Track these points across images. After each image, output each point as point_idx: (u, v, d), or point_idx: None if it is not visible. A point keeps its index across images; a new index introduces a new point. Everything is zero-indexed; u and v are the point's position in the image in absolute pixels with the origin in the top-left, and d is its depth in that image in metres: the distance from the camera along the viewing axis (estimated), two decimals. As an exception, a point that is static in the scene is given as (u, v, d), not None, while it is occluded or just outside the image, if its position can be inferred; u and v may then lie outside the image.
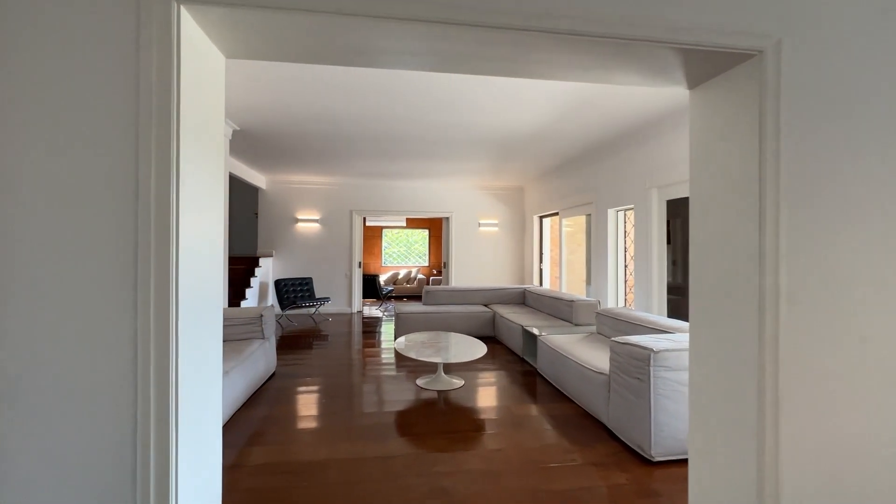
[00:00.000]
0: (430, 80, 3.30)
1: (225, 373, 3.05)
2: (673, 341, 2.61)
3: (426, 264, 12.16)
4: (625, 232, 5.47)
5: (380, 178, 7.84)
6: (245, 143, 5.18)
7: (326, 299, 7.39)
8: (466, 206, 8.50)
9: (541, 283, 8.12)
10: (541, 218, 8.15)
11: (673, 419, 2.46)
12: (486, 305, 6.40)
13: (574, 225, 8.01)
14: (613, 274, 5.46)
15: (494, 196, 8.58)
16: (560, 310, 5.21)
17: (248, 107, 4.10)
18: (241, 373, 3.34)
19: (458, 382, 3.84)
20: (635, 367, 2.57)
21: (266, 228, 7.98)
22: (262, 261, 7.33)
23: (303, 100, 3.84)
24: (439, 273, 11.72)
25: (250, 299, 6.66)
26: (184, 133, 1.15)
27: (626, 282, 5.43)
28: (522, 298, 6.51)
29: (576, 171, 6.37)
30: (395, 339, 5.75)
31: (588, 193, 5.97)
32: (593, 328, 4.69)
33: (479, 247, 8.53)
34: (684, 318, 4.06)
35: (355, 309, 8.24)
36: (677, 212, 4.39)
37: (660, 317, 3.63)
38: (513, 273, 8.61)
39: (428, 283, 11.33)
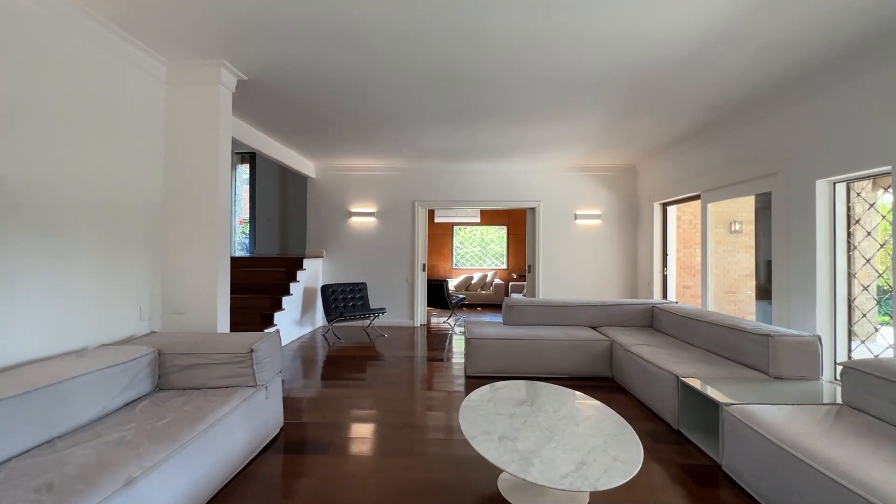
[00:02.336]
0: None
1: (144, 471, 1.58)
2: None
3: (504, 267, 10.37)
4: (849, 216, 3.24)
5: (448, 161, 6.23)
6: (269, 106, 3.85)
7: (381, 311, 5.94)
8: (559, 193, 6.57)
9: (665, 295, 5.93)
10: (664, 206, 5.97)
11: None
12: (594, 328, 4.48)
13: (722, 213, 5.75)
14: (828, 286, 3.26)
15: (596, 179, 6.55)
16: (734, 345, 3.15)
17: (278, 55, 2.70)
18: (190, 463, 1.86)
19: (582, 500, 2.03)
20: None
21: (316, 224, 6.77)
22: (307, 262, 6.08)
23: (345, 53, 2.32)
24: (520, 278, 9.86)
25: (288, 310, 5.41)
26: None
27: (848, 300, 3.20)
28: (650, 319, 4.47)
29: (747, 125, 4.20)
30: (466, 372, 4.07)
31: (768, 159, 3.79)
32: (828, 389, 2.60)
33: (576, 245, 6.55)
34: None
35: (418, 321, 6.71)
36: None
37: None
38: (621, 280, 6.51)
39: (507, 291, 9.53)
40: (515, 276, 10.02)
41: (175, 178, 3.13)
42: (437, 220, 10.15)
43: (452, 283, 9.53)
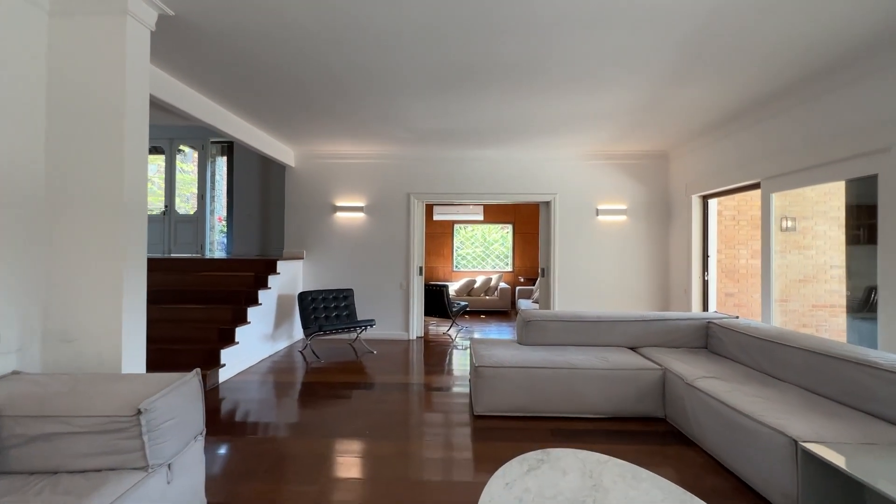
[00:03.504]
0: None
1: None
2: None
3: (509, 269, 9.45)
4: None
5: (448, 147, 5.30)
6: (220, 63, 2.91)
7: (370, 323, 5.00)
8: (578, 185, 5.65)
9: (705, 306, 5.00)
10: (704, 199, 5.04)
11: None
12: (634, 350, 3.56)
13: (785, 206, 4.86)
14: (982, 305, 2.33)
15: (621, 169, 5.62)
16: (855, 386, 2.23)
17: None
18: None
19: None
20: None
21: (295, 221, 5.83)
22: (283, 265, 5.14)
23: None
24: (528, 281, 8.94)
25: (256, 323, 4.47)
26: None
27: None
28: (703, 339, 3.55)
29: (838, 90, 3.28)
30: (472, 409, 3.14)
31: (872, 132, 2.87)
32: None
33: (597, 245, 5.63)
34: None
35: (414, 333, 5.77)
36: None
37: None
38: (651, 287, 5.59)
39: (514, 296, 8.59)
40: (523, 280, 9.09)
41: (62, 152, 2.20)
42: (435, 217, 9.22)
43: (453, 288, 8.60)
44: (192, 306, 4.27)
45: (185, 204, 7.38)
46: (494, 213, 9.39)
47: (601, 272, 5.61)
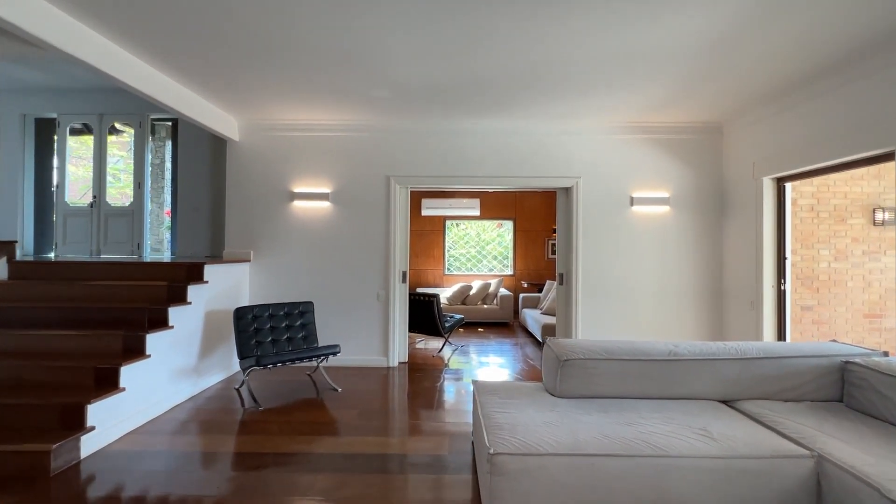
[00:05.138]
0: None
1: None
2: None
3: (510, 272, 8.16)
4: None
5: (440, 113, 4.00)
6: None
7: (332, 350, 3.66)
8: (607, 166, 4.38)
9: (782, 326, 3.75)
10: (779, 182, 3.80)
11: None
12: (730, 405, 2.29)
13: (858, 196, 3.64)
14: None
15: (662, 146, 4.37)
16: None
17: None
18: None
19: None
20: None
21: (239, 211, 4.47)
22: (214, 271, 3.78)
23: None
24: (533, 287, 7.65)
25: (162, 355, 3.09)
26: None
27: None
28: (837, 387, 2.28)
29: None
30: (485, 528, 1.82)
31: None
32: None
33: (633, 244, 4.37)
34: None
35: (395, 358, 4.45)
36: None
37: None
38: (704, 298, 4.33)
39: (517, 305, 7.27)
40: (526, 285, 7.81)
41: None
42: (424, 212, 7.90)
43: (445, 295, 7.29)
44: (64, 332, 2.89)
45: (120, 193, 6.00)
46: (493, 207, 8.10)
47: (637, 279, 4.34)
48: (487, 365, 4.67)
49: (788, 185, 3.81)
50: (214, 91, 3.63)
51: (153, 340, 2.99)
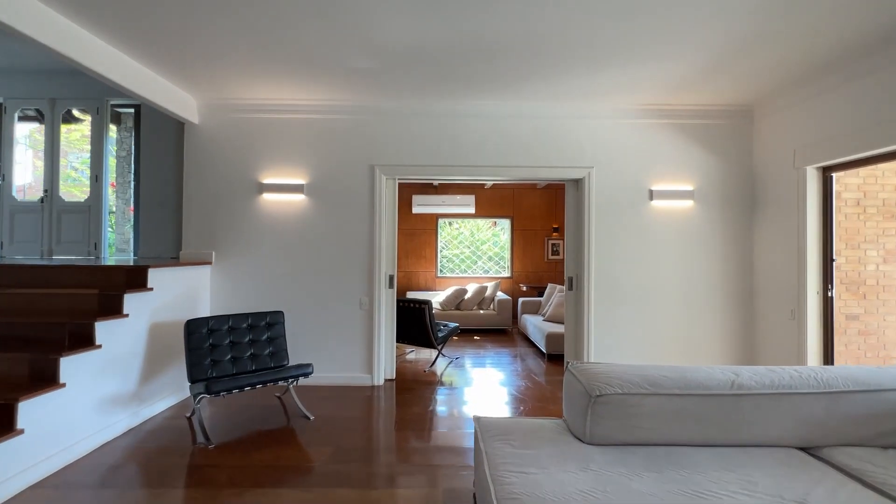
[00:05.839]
0: None
1: None
2: None
3: (507, 274, 7.60)
4: None
5: (434, 92, 3.43)
6: None
7: (304, 371, 3.06)
8: (623, 155, 3.84)
9: (829, 339, 3.23)
10: (824, 172, 3.28)
11: None
12: (810, 453, 1.74)
13: None
14: None
15: (685, 132, 3.84)
16: None
17: None
18: None
19: None
20: None
21: (199, 207, 3.85)
22: (163, 276, 3.16)
23: None
24: (532, 290, 7.10)
25: (85, 383, 2.47)
26: None
27: None
28: (951, 429, 1.74)
29: None
30: None
31: None
32: None
33: (653, 243, 3.83)
34: None
35: (380, 375, 3.86)
36: None
37: None
38: (733, 306, 3.81)
39: (516, 310, 6.70)
40: (525, 289, 7.26)
41: None
42: (415, 209, 7.32)
43: (438, 300, 6.71)
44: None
45: (76, 188, 5.40)
46: (489, 205, 7.54)
47: (657, 284, 3.81)
48: (486, 383, 4.10)
49: (834, 176, 3.30)
50: (171, 67, 3.02)
51: (72, 364, 2.37)
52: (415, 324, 4.42)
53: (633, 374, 1.88)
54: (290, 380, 3.06)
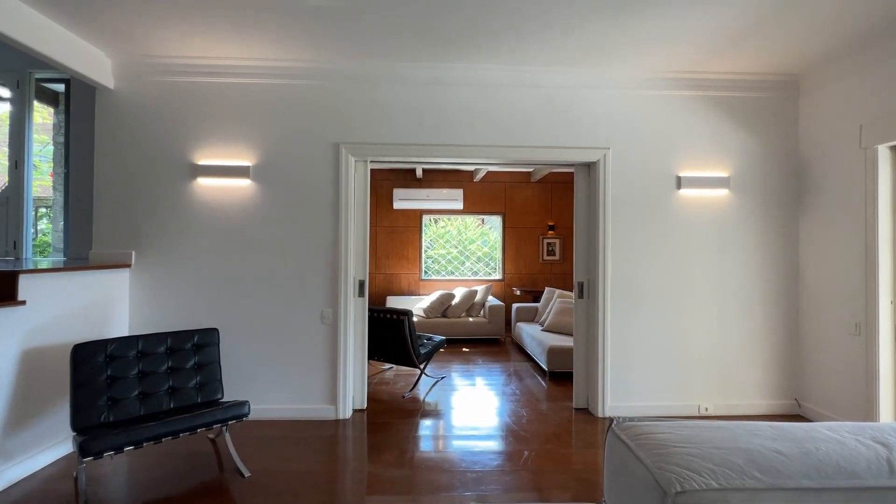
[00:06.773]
0: None
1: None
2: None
3: (498, 276, 6.89)
4: None
5: (411, 54, 2.68)
6: None
7: (236, 415, 2.28)
8: (644, 134, 3.15)
9: (910, 356, 2.59)
10: (899, 152, 2.64)
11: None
12: None
13: None
14: None
15: (718, 106, 3.16)
16: None
17: None
18: None
19: None
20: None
21: (114, 196, 3.03)
22: (37, 284, 2.35)
23: None
24: (527, 295, 6.39)
25: None
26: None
27: None
28: None
29: None
30: None
31: None
32: None
33: (680, 240, 3.15)
34: None
35: (347, 406, 3.09)
36: None
37: None
38: (777, 318, 3.16)
39: (509, 318, 5.95)
40: (519, 293, 6.56)
41: None
42: (396, 205, 6.55)
43: (422, 306, 5.95)
44: None
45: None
46: (479, 200, 6.82)
47: (686, 291, 3.13)
48: (478, 412, 3.37)
49: (908, 158, 2.66)
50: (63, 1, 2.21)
51: None
52: (392, 338, 3.67)
53: (724, 446, 1.17)
54: (220, 423, 2.28)
